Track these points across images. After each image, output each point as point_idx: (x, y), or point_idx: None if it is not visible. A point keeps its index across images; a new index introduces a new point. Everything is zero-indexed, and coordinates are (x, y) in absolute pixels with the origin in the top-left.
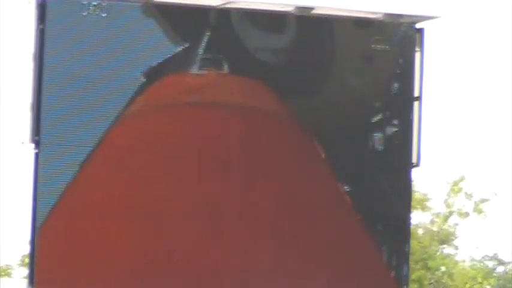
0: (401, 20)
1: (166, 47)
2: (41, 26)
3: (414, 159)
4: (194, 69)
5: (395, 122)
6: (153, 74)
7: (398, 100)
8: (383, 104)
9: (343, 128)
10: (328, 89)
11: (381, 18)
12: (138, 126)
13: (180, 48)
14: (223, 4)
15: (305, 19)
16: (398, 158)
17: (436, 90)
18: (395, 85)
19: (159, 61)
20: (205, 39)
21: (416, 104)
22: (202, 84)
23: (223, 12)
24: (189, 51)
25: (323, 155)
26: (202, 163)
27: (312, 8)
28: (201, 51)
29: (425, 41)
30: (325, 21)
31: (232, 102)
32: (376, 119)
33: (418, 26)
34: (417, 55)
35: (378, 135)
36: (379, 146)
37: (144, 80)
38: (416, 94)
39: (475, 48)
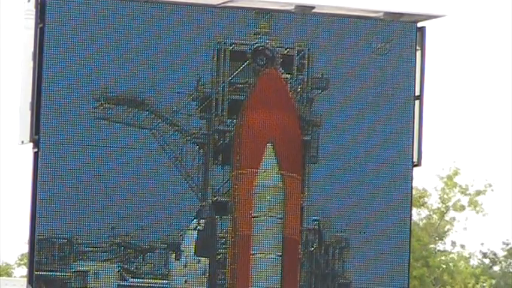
0: (402, 19)
1: None
2: (40, 25)
3: (415, 158)
4: None
5: None
6: None
7: None
8: None
9: None
10: None
11: (382, 17)
12: None
13: None
14: (223, 3)
15: None
16: None
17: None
18: None
19: None
20: None
21: (417, 102)
22: None
23: None
24: None
25: None
26: None
27: (312, 7)
28: None
29: (429, 40)
30: None
31: None
32: None
33: (419, 24)
34: (418, 54)
35: None
36: None
37: None
38: (417, 93)
39: (478, 47)
